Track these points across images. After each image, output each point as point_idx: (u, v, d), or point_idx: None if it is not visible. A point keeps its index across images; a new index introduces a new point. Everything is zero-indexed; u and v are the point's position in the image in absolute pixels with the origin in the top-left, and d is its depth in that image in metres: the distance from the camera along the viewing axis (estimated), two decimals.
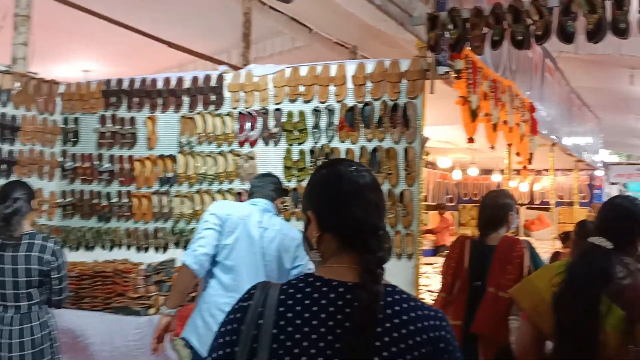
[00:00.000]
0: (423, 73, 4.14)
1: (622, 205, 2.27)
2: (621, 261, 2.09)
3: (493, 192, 3.97)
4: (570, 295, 2.06)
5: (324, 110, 4.45)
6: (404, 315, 1.27)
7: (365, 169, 1.45)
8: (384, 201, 1.45)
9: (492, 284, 3.20)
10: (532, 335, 2.20)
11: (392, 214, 4.17)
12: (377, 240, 1.34)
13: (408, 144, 4.18)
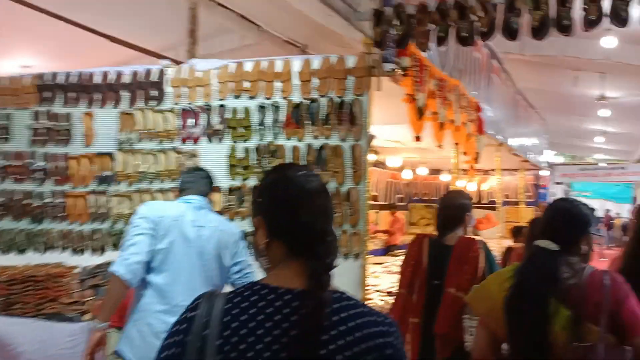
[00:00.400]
0: (369, 70, 4.07)
1: (564, 208, 2.36)
2: (567, 262, 2.17)
3: (451, 193, 4.07)
4: (520, 298, 2.14)
5: (269, 106, 4.33)
6: (351, 322, 1.26)
7: (314, 174, 1.44)
8: (332, 206, 1.45)
9: (451, 284, 3.27)
10: (488, 339, 2.26)
11: (338, 213, 4.08)
12: (325, 246, 1.33)
13: (355, 142, 4.10)
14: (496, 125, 8.55)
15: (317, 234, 1.33)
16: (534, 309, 2.11)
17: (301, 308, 1.24)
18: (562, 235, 2.25)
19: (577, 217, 2.30)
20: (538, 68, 10.91)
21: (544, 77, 11.68)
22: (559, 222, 2.31)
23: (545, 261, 2.20)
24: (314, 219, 1.34)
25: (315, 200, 1.37)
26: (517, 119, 10.43)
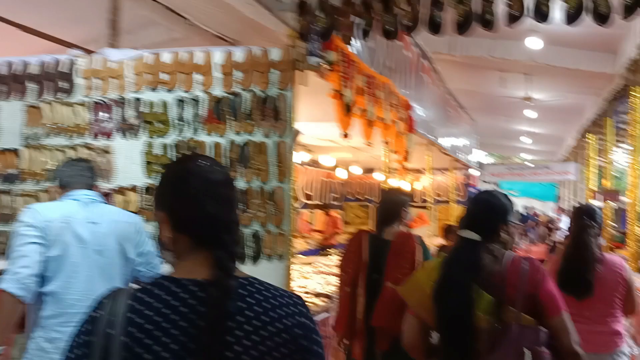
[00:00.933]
0: (294, 63, 3.92)
1: (483, 199, 2.52)
2: (488, 250, 2.30)
3: (390, 190, 4.37)
4: (446, 286, 2.28)
5: (188, 100, 4.10)
6: (257, 307, 1.28)
7: (217, 164, 1.45)
8: (237, 196, 1.47)
9: (389, 278, 3.36)
10: (418, 329, 2.41)
11: (262, 212, 3.91)
12: (230, 235, 1.34)
13: (279, 138, 3.93)
14: (427, 125, 8.59)
15: (222, 224, 1.34)
16: (458, 295, 2.22)
17: (207, 298, 1.24)
18: (482, 225, 2.36)
19: (496, 207, 2.42)
20: (467, 69, 11.09)
21: (472, 77, 11.90)
22: (479, 212, 2.44)
23: (468, 251, 2.32)
24: (218, 210, 1.34)
25: (219, 190, 1.36)
26: (447, 119, 10.55)
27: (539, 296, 2.23)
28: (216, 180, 1.38)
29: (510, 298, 2.20)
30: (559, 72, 9.57)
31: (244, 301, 1.28)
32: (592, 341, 3.32)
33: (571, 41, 8.50)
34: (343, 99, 4.31)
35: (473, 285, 2.22)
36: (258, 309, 1.28)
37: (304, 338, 1.31)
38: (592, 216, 3.56)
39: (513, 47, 8.78)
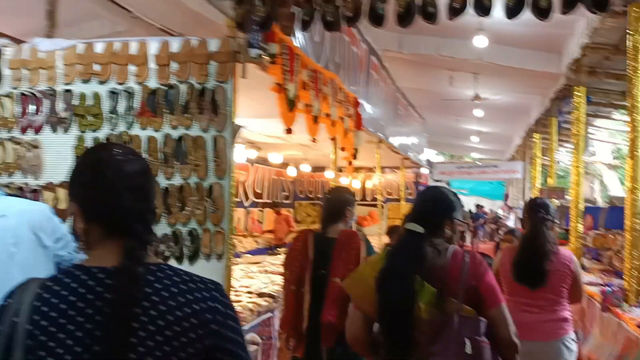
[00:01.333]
0: (233, 55, 3.77)
1: (429, 194, 2.59)
2: (432, 243, 2.33)
3: (335, 188, 4.24)
4: (389, 276, 2.30)
5: (122, 92, 3.91)
6: (164, 292, 1.27)
7: (133, 153, 1.43)
8: (153, 184, 1.44)
9: (335, 275, 3.37)
10: (361, 322, 2.41)
11: (200, 210, 3.76)
12: (143, 225, 1.33)
13: (217, 133, 3.78)
14: (376, 122, 8.56)
15: (135, 214, 1.33)
16: (400, 286, 2.26)
17: (114, 285, 1.25)
18: (427, 219, 2.39)
19: (441, 202, 2.47)
20: (417, 67, 11.14)
21: (422, 76, 11.97)
22: (425, 207, 2.48)
23: (411, 243, 2.36)
24: (131, 200, 1.33)
25: (133, 181, 1.35)
26: (397, 117, 10.57)
27: (479, 288, 2.28)
28: (130, 170, 1.36)
29: (452, 290, 2.24)
30: (505, 72, 9.69)
31: (151, 287, 1.27)
32: (544, 329, 3.62)
33: (517, 41, 8.61)
34: (286, 93, 4.19)
35: (415, 276, 2.25)
36: (165, 293, 1.27)
37: (215, 322, 1.29)
38: (547, 209, 3.72)
39: (461, 45, 8.84)
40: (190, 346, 1.26)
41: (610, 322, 5.18)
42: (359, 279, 2.49)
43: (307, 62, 4.74)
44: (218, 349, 1.31)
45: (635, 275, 5.35)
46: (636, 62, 5.35)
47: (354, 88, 6.95)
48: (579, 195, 8.41)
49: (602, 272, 7.48)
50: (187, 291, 1.29)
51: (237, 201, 12.30)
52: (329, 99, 5.36)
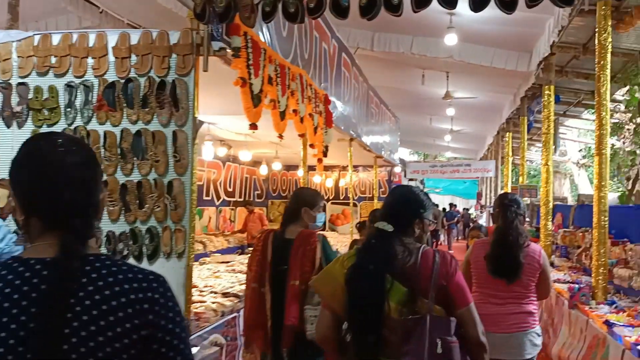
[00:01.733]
0: (195, 47, 3.67)
1: (400, 192, 2.60)
2: (402, 242, 2.33)
3: (298, 189, 4.16)
4: (359, 275, 2.28)
5: (79, 86, 3.77)
6: (100, 282, 1.25)
7: (76, 143, 1.39)
8: (96, 176, 1.39)
9: (292, 276, 3.37)
10: (331, 322, 2.38)
11: (159, 207, 3.64)
12: (82, 219, 1.31)
13: (178, 128, 3.66)
14: (348, 120, 8.49)
15: (74, 209, 1.30)
16: (370, 285, 2.24)
17: (49, 276, 1.24)
18: (397, 217, 2.40)
19: (411, 202, 2.47)
20: (389, 65, 11.11)
21: (395, 74, 11.94)
22: (395, 205, 2.48)
23: (381, 241, 2.35)
24: (70, 193, 1.29)
25: (72, 173, 1.31)
26: (369, 115, 10.50)
27: (449, 288, 2.28)
28: (70, 162, 1.31)
29: (422, 290, 2.24)
30: (477, 70, 9.71)
31: (87, 277, 1.26)
32: (508, 321, 3.67)
33: (487, 39, 8.62)
34: (250, 88, 4.08)
35: (385, 275, 2.24)
36: (100, 283, 1.26)
37: (152, 313, 1.27)
38: (519, 205, 3.79)
39: (432, 44, 8.83)
40: (125, 336, 1.24)
41: (578, 320, 5.19)
42: (329, 278, 2.44)
43: (274, 57, 4.65)
44: (155, 340, 1.28)
45: (603, 272, 5.37)
46: (604, 60, 5.37)
47: (324, 85, 6.87)
48: (549, 193, 8.46)
49: (571, 269, 7.52)
50: (123, 281, 1.27)
51: (208, 200, 12.16)
52: (297, 95, 5.27)
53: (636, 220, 6.04)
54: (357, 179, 15.36)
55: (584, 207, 8.65)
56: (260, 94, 4.28)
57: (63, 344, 1.19)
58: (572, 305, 5.42)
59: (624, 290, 5.57)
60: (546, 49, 7.40)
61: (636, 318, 4.54)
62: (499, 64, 8.70)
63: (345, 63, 8.20)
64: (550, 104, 8.20)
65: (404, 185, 2.77)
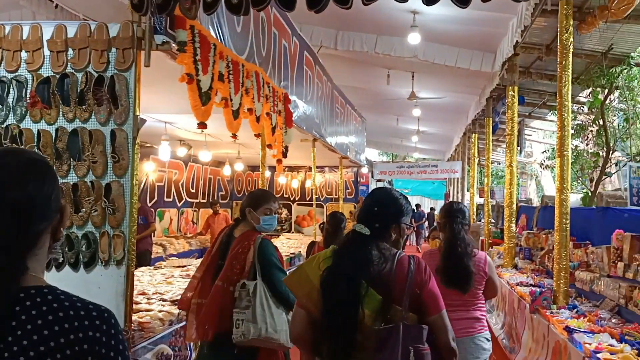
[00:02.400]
0: (137, 41, 3.44)
1: (379, 195, 2.51)
2: (378, 247, 2.30)
3: (254, 190, 4.14)
4: (335, 279, 2.26)
5: (12, 81, 3.52)
6: (40, 320, 1.16)
7: (7, 154, 1.23)
8: (34, 199, 1.20)
9: (221, 277, 3.33)
10: (306, 322, 2.36)
11: (96, 211, 3.40)
12: (8, 255, 1.17)
13: (117, 126, 3.43)
14: (311, 120, 8.31)
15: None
16: (345, 290, 2.22)
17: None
18: (374, 221, 2.36)
19: (390, 206, 2.42)
20: (354, 65, 10.96)
21: (359, 74, 11.80)
22: (373, 208, 2.42)
23: (358, 244, 2.32)
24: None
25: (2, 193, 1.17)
26: (334, 116, 10.34)
27: (422, 295, 2.28)
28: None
29: (396, 297, 2.23)
30: (442, 70, 9.62)
31: (28, 313, 1.15)
32: (456, 327, 3.50)
33: (452, 39, 8.53)
34: (198, 84, 3.87)
35: (361, 280, 2.23)
36: (39, 321, 1.15)
37: (92, 354, 1.19)
38: (464, 215, 3.83)
39: (397, 43, 8.70)
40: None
41: (540, 325, 5.10)
42: (303, 278, 2.42)
43: (225, 53, 4.44)
44: None
45: (564, 276, 5.29)
46: (565, 60, 5.29)
47: (284, 83, 6.67)
48: (513, 194, 8.41)
49: (534, 271, 7.47)
50: (64, 319, 1.17)
51: (169, 201, 11.86)
52: (252, 93, 5.07)
53: (598, 222, 5.99)
54: (323, 179, 15.20)
55: (548, 209, 8.63)
56: (209, 92, 4.07)
57: None
58: (533, 310, 5.33)
59: (585, 294, 5.51)
60: (509, 49, 7.32)
61: (597, 323, 4.46)
62: (463, 64, 8.61)
63: (307, 61, 8.02)
64: (514, 104, 8.14)
65: (384, 187, 2.74)
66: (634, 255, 4.75)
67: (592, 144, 9.48)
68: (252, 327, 3.19)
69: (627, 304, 4.50)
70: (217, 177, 13.98)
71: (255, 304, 3.23)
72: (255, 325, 3.20)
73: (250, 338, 3.20)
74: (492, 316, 8.04)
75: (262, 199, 3.59)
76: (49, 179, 1.25)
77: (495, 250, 9.94)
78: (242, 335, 3.20)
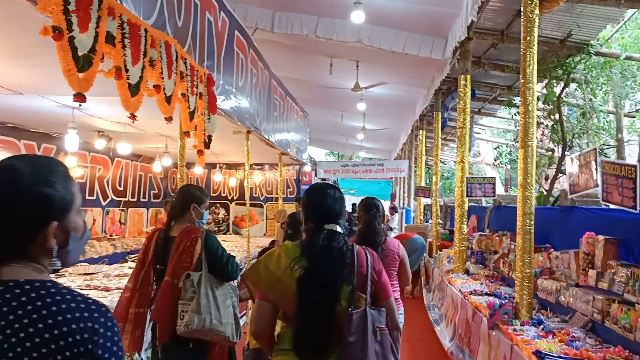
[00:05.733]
0: None
1: (325, 191, 2.65)
2: (345, 242, 2.57)
3: (183, 186, 4.10)
4: (314, 280, 2.44)
5: None
6: (34, 314, 1.20)
7: (15, 159, 1.33)
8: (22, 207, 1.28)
9: (169, 273, 3.42)
10: (269, 312, 2.53)
11: None
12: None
13: None
14: (243, 110, 7.40)
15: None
16: (327, 289, 2.43)
17: None
18: (337, 217, 2.58)
19: (338, 199, 2.64)
20: (294, 52, 10.12)
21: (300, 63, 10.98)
22: (330, 205, 2.61)
23: (332, 243, 2.51)
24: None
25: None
26: (273, 107, 9.44)
27: (378, 283, 2.54)
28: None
29: (360, 285, 2.48)
30: (389, 59, 8.89)
31: (23, 308, 1.20)
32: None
33: (400, 22, 7.79)
34: (70, 41, 2.92)
35: (340, 278, 2.43)
36: (35, 316, 1.19)
37: (91, 343, 1.22)
38: (378, 208, 4.24)
39: (339, 26, 7.88)
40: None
41: (500, 343, 4.34)
42: (265, 272, 2.52)
43: (118, 10, 3.49)
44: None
45: (527, 285, 4.58)
46: (530, 36, 4.57)
47: (208, 63, 5.74)
48: (464, 193, 7.73)
49: (487, 278, 6.79)
50: (60, 311, 1.21)
51: (92, 199, 10.72)
52: (159, 67, 4.13)
53: (561, 223, 5.31)
54: (263, 178, 14.29)
55: (501, 209, 8.00)
56: (90, 55, 3.13)
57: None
58: (492, 325, 4.59)
59: (551, 307, 4.81)
60: (463, 31, 6.61)
61: (570, 345, 3.74)
62: (412, 49, 7.86)
63: (239, 43, 7.10)
64: (467, 95, 7.45)
65: (323, 183, 2.79)
66: (609, 261, 4.07)
67: (547, 139, 8.92)
68: (196, 318, 3.23)
69: (604, 320, 3.81)
70: (148, 174, 12.88)
71: (200, 294, 3.27)
72: (199, 316, 3.24)
73: (194, 328, 3.23)
74: (440, 327, 7.32)
75: (204, 194, 3.78)
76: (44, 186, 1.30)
77: (444, 253, 9.25)
78: (186, 326, 3.23)
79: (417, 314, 9.17)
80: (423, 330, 8.31)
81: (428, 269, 10.13)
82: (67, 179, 1.35)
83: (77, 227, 1.35)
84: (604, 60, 7.91)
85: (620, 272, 3.84)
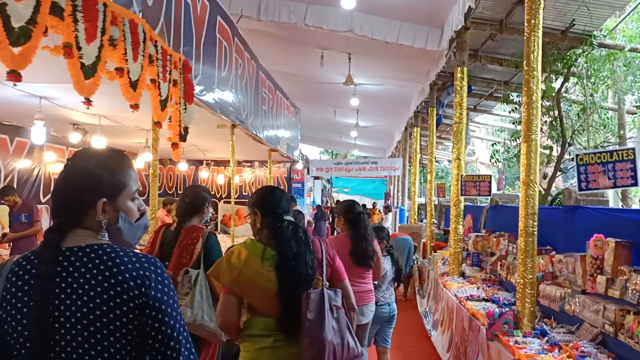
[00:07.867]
0: None
1: (275, 190, 3.01)
2: (304, 231, 2.86)
3: (194, 185, 4.27)
4: (292, 263, 2.67)
5: None
6: (94, 270, 1.40)
7: (82, 154, 1.60)
8: (80, 186, 1.55)
9: (171, 267, 3.53)
10: (235, 305, 2.70)
11: None
12: (65, 216, 1.51)
13: None
14: (227, 103, 6.97)
15: (57, 209, 1.53)
16: (306, 269, 2.68)
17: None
18: (285, 210, 2.88)
19: (284, 192, 3.06)
20: (284, 43, 9.67)
21: (290, 56, 10.53)
22: (286, 200, 2.93)
23: (296, 231, 2.77)
24: (55, 197, 1.55)
25: (58, 182, 1.56)
26: (261, 101, 8.99)
27: (334, 266, 2.88)
28: (64, 173, 1.56)
29: (318, 269, 2.77)
30: (382, 51, 8.46)
31: (84, 265, 1.41)
32: (359, 297, 4.06)
33: (394, 10, 7.36)
34: (3, 12, 2.49)
35: (309, 260, 2.72)
36: (95, 271, 1.40)
37: (145, 287, 1.43)
38: (364, 208, 4.17)
39: (330, 14, 7.44)
40: (118, 311, 1.39)
41: (501, 356, 3.92)
42: (228, 266, 2.69)
43: None
44: (149, 317, 1.42)
45: (530, 292, 4.17)
46: (535, 19, 4.15)
47: (186, 49, 5.31)
48: (458, 192, 7.31)
49: (484, 281, 6.37)
50: (116, 265, 1.42)
51: None
52: (122, 48, 3.70)
53: (564, 224, 4.90)
54: (252, 175, 13.86)
55: (497, 208, 7.58)
56: (29, 27, 2.69)
57: (55, 324, 1.36)
58: (491, 336, 4.18)
59: (555, 315, 4.39)
60: (460, 19, 6.19)
61: None
62: (406, 40, 7.42)
63: (222, 30, 6.65)
64: (463, 88, 7.03)
65: (271, 185, 3.18)
66: (620, 267, 3.66)
67: (546, 136, 8.51)
68: (189, 312, 3.33)
69: (617, 333, 3.40)
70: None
71: (195, 291, 3.38)
72: (192, 310, 3.34)
73: (185, 321, 3.12)
74: (437, 334, 6.91)
75: (209, 195, 3.92)
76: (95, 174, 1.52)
77: (439, 255, 8.83)
78: None
79: (411, 318, 8.76)
80: (417, 336, 7.89)
81: (423, 272, 9.69)
82: (124, 169, 1.57)
83: (128, 210, 1.56)
84: (607, 52, 7.49)
85: (634, 279, 3.44)
